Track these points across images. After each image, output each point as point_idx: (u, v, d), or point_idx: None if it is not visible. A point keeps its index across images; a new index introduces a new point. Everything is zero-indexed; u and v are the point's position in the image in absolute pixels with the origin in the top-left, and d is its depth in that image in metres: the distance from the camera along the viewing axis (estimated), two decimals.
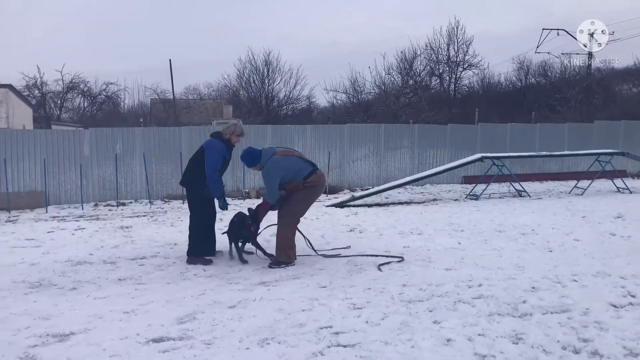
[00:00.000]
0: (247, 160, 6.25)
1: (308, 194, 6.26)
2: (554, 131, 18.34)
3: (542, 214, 9.77)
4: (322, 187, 6.44)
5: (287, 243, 6.15)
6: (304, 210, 6.37)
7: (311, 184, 6.19)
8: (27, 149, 12.93)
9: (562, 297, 4.74)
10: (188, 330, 4.05)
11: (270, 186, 6.12)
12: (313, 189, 6.25)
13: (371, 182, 15.96)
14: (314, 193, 6.33)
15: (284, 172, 6.07)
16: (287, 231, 6.19)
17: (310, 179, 6.16)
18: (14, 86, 33.51)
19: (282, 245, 6.16)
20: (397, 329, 3.99)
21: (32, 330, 4.09)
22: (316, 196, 6.43)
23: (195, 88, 40.73)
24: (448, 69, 34.09)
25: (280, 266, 6.04)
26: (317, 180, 6.24)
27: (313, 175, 6.19)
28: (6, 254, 7.03)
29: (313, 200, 6.45)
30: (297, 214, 6.30)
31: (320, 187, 6.36)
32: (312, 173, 6.19)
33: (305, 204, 6.35)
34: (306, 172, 6.16)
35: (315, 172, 6.22)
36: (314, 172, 6.21)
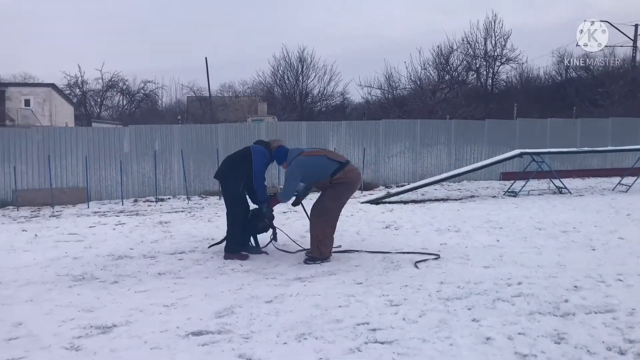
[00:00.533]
0: (277, 157, 6.48)
1: (337, 190, 6.16)
2: (596, 126, 17.82)
3: (584, 211, 9.51)
4: (353, 183, 6.28)
5: (319, 239, 6.10)
6: (334, 207, 6.23)
7: (338, 181, 6.09)
8: (70, 146, 13.31)
9: (606, 296, 4.60)
10: (226, 324, 4.09)
11: (287, 185, 6.20)
12: (342, 185, 6.14)
13: (407, 179, 15.84)
14: (343, 189, 6.20)
15: (306, 173, 6.13)
16: (317, 227, 6.12)
17: (336, 176, 6.08)
18: (57, 85, 34.51)
19: (314, 242, 6.14)
20: (435, 327, 3.95)
21: (76, 321, 4.21)
22: (347, 192, 6.28)
23: (230, 85, 41.19)
24: (485, 63, 33.52)
25: (316, 262, 6.02)
26: (345, 176, 6.12)
27: (340, 172, 6.09)
28: (51, 248, 7.26)
29: (344, 196, 6.29)
30: (327, 210, 6.17)
31: (349, 183, 6.21)
32: (338, 170, 6.10)
33: (335, 201, 6.22)
34: (331, 170, 6.09)
35: (341, 169, 6.12)
36: (340, 169, 6.11)
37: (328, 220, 6.18)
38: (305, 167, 6.16)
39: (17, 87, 33.26)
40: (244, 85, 40.03)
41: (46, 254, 6.84)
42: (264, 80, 37.37)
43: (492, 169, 15.58)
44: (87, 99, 41.87)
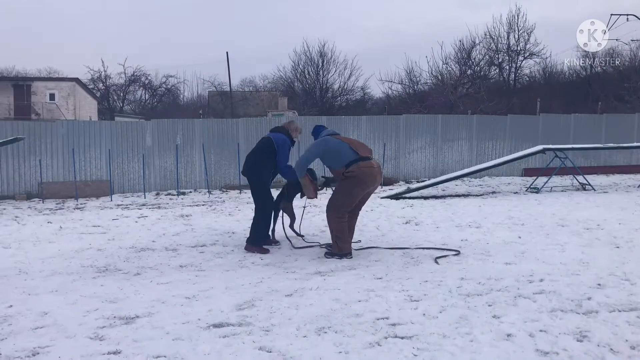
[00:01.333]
0: (313, 131, 6.60)
1: (347, 185, 5.96)
2: (622, 122, 17.51)
3: (608, 209, 9.36)
4: (364, 179, 5.94)
5: (335, 234, 6.03)
6: (343, 201, 6.00)
7: (351, 174, 5.87)
8: (94, 140, 13.52)
9: (630, 295, 4.53)
10: (247, 316, 4.13)
11: (301, 158, 6.19)
12: (353, 180, 5.89)
13: (427, 174, 15.76)
14: (353, 184, 5.93)
15: (324, 153, 6.09)
16: (331, 222, 6.05)
17: (350, 168, 5.87)
18: (81, 80, 35.01)
19: (332, 237, 6.10)
20: (456, 323, 3.93)
21: (100, 312, 4.28)
22: (357, 188, 5.96)
23: (251, 80, 41.45)
24: (508, 58, 33.12)
25: (334, 257, 5.99)
26: (357, 170, 5.86)
27: (353, 165, 5.87)
28: (75, 240, 7.39)
29: (353, 191, 5.99)
30: (336, 204, 6.01)
31: (360, 178, 5.90)
32: (353, 162, 5.88)
33: (344, 195, 6.00)
34: (347, 161, 5.89)
35: (356, 162, 5.88)
36: (355, 162, 5.88)
37: (338, 213, 6.00)
38: (326, 147, 6.09)
39: (43, 82, 33.82)
40: (265, 80, 40.25)
41: (71, 246, 6.97)
42: (285, 75, 37.49)
43: (514, 165, 15.43)
44: (110, 93, 42.44)
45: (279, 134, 6.57)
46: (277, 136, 6.54)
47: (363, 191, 6.06)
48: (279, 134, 6.58)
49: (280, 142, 6.47)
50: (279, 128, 6.75)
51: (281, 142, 6.47)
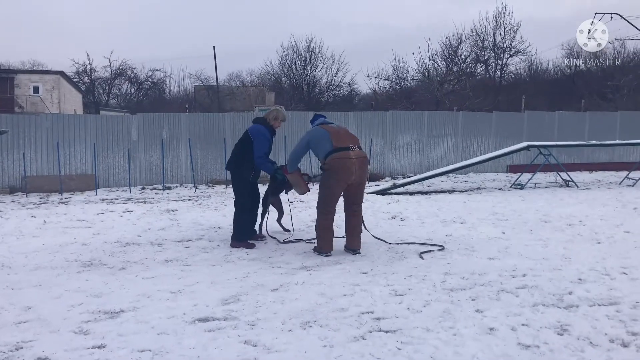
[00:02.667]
0: (311, 121, 6.51)
1: (325, 178, 5.86)
2: (605, 120, 17.74)
3: (591, 205, 9.50)
4: (338, 171, 5.69)
5: (317, 232, 6.01)
6: (326, 198, 5.88)
7: (326, 166, 5.76)
8: (79, 134, 13.40)
9: (610, 289, 4.62)
10: (232, 311, 4.14)
11: (291, 152, 6.23)
12: (328, 172, 5.77)
13: (413, 170, 15.84)
14: (330, 177, 5.78)
15: (310, 143, 6.02)
16: (317, 219, 6.03)
17: (327, 159, 5.74)
18: (65, 73, 34.61)
19: (317, 234, 6.07)
20: (439, 317, 3.98)
21: (85, 306, 4.27)
22: (333, 181, 5.77)
23: (238, 75, 41.17)
24: (494, 55, 33.28)
25: (314, 252, 6.02)
26: (330, 162, 5.70)
27: (329, 157, 5.72)
28: (60, 234, 7.34)
29: (332, 185, 5.80)
30: (321, 201, 5.95)
31: (334, 171, 5.70)
32: (329, 154, 5.72)
33: (325, 190, 5.88)
34: (324, 152, 5.78)
35: (331, 154, 5.70)
36: (330, 153, 5.71)
37: (322, 209, 5.92)
38: (310, 138, 6.02)
39: (26, 74, 33.37)
40: (252, 75, 40.03)
41: (55, 240, 6.92)
42: (272, 70, 37.32)
43: (499, 161, 15.56)
44: (95, 86, 42.00)
45: (256, 125, 6.48)
46: (253, 127, 6.46)
47: (340, 184, 5.77)
48: (256, 124, 6.50)
49: (254, 132, 6.36)
50: (259, 119, 6.67)
51: (256, 132, 6.36)
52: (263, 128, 6.42)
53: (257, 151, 6.28)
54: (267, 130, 6.44)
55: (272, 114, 6.59)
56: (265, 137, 6.35)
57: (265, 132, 6.40)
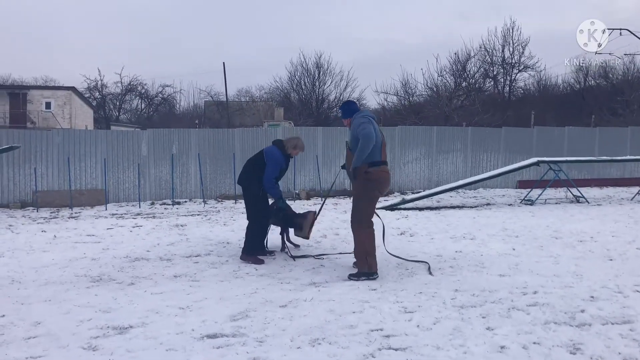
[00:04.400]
0: (343, 108, 5.99)
1: (367, 189, 5.52)
2: (615, 135, 17.63)
3: (602, 221, 9.41)
4: (383, 184, 5.62)
5: (366, 249, 5.53)
6: (369, 210, 5.60)
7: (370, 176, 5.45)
8: (89, 149, 13.50)
9: (623, 307, 4.55)
10: (241, 327, 4.13)
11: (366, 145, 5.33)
12: (372, 183, 5.50)
13: (422, 186, 15.79)
14: (373, 188, 5.55)
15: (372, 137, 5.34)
16: (361, 236, 5.57)
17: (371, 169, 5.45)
18: (77, 88, 35.02)
19: (359, 253, 5.59)
20: (449, 334, 3.94)
21: (94, 322, 4.27)
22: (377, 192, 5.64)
23: (247, 90, 41.57)
24: (503, 70, 33.35)
25: (360, 278, 5.46)
26: (378, 175, 5.51)
27: (375, 168, 5.47)
28: (69, 249, 7.37)
29: (375, 196, 5.65)
30: (365, 214, 5.58)
31: (380, 183, 5.57)
32: (376, 164, 5.48)
33: (369, 202, 5.59)
34: (374, 159, 5.43)
35: (379, 166, 5.50)
36: (378, 164, 5.49)
37: (368, 224, 5.60)
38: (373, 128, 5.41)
39: (39, 90, 33.81)
40: (261, 90, 40.38)
41: (65, 255, 6.95)
42: (281, 86, 37.63)
43: (509, 177, 15.48)
44: (106, 102, 42.47)
45: (273, 147, 6.54)
46: (269, 149, 6.51)
47: (378, 196, 5.72)
48: (273, 147, 6.56)
49: (269, 155, 6.41)
50: (278, 142, 6.72)
51: (270, 155, 6.41)
52: (279, 153, 6.47)
53: (268, 175, 6.34)
54: (283, 157, 6.49)
55: (292, 142, 6.61)
56: (278, 163, 6.41)
57: (280, 158, 6.44)
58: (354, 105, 6.04)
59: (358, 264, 5.66)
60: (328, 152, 15.21)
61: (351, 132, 5.67)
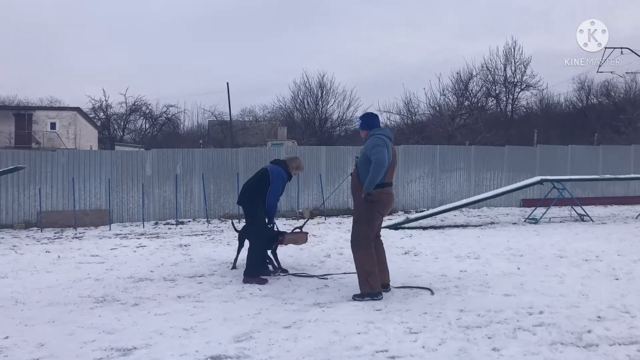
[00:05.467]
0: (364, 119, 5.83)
1: (369, 210, 5.43)
2: (618, 153, 17.63)
3: (607, 240, 9.36)
4: (386, 205, 5.56)
5: (366, 270, 5.46)
6: (369, 231, 5.54)
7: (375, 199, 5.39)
8: (93, 169, 13.57)
9: (631, 328, 4.51)
10: (245, 349, 4.10)
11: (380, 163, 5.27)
12: (375, 204, 5.43)
13: (426, 204, 15.77)
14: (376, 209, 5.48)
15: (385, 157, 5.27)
16: (361, 257, 5.50)
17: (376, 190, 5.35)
18: (82, 109, 35.29)
19: (361, 274, 5.50)
20: (455, 355, 3.91)
21: (97, 343, 4.25)
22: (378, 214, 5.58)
23: (251, 110, 41.82)
24: (505, 89, 33.51)
25: (365, 299, 5.40)
26: (381, 196, 5.42)
27: (379, 190, 5.36)
28: (73, 270, 7.37)
29: (376, 217, 5.59)
30: (364, 235, 5.51)
31: (384, 204, 5.51)
32: (382, 186, 5.38)
33: (370, 223, 5.53)
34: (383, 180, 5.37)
35: (383, 187, 5.40)
36: (382, 186, 5.39)
37: (366, 246, 5.52)
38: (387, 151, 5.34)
39: (44, 111, 34.12)
40: (264, 110, 40.62)
41: (69, 276, 6.94)
42: (284, 105, 37.88)
43: (512, 196, 15.46)
44: (110, 122, 42.74)
45: (277, 167, 6.61)
46: (273, 167, 6.57)
47: (381, 218, 5.66)
48: (277, 166, 6.61)
49: (275, 174, 6.49)
50: (280, 161, 6.78)
51: (276, 174, 6.50)
52: (283, 172, 6.58)
53: (273, 196, 6.46)
54: (286, 176, 6.61)
55: (295, 163, 6.76)
56: (282, 183, 6.54)
57: (284, 178, 6.58)
58: (376, 119, 5.85)
59: (360, 286, 5.58)
60: (331, 171, 15.24)
61: (364, 148, 5.59)
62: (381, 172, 5.33)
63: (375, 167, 5.29)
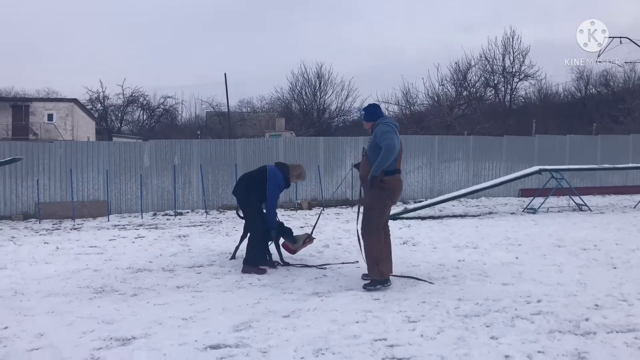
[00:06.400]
0: (367, 111, 5.80)
1: (381, 198, 5.42)
2: (617, 143, 17.63)
3: (605, 229, 9.38)
4: (396, 193, 5.57)
5: (375, 257, 5.46)
6: (380, 219, 5.56)
7: (386, 186, 5.39)
8: (91, 160, 13.54)
9: (628, 315, 4.53)
10: (244, 338, 4.11)
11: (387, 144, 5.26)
12: (387, 192, 5.43)
13: (424, 195, 15.78)
14: (387, 197, 5.49)
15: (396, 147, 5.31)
16: (371, 245, 5.50)
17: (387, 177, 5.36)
18: (79, 100, 35.16)
19: (370, 262, 5.49)
20: (453, 344, 3.92)
21: (96, 333, 4.26)
22: (389, 202, 5.60)
23: (249, 101, 41.69)
24: (503, 79, 33.45)
25: (377, 286, 5.40)
26: (392, 182, 5.45)
27: (390, 177, 5.39)
28: (72, 261, 7.36)
29: (388, 205, 5.62)
30: (375, 223, 5.52)
31: (393, 192, 5.52)
32: (392, 173, 5.40)
33: (381, 211, 5.53)
34: (390, 167, 5.37)
35: (393, 174, 5.43)
36: (393, 173, 5.42)
37: (377, 233, 5.54)
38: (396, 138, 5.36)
39: (41, 102, 33.98)
40: (262, 101, 40.50)
41: (67, 266, 6.94)
42: (282, 96, 37.78)
43: (511, 186, 15.47)
44: (108, 113, 42.61)
45: (276, 169, 6.61)
46: (273, 170, 6.58)
47: (391, 205, 5.68)
48: (277, 168, 6.63)
49: (272, 176, 6.48)
50: (282, 165, 6.77)
51: (274, 177, 6.48)
52: (281, 177, 6.56)
53: (272, 201, 6.46)
54: (284, 181, 6.59)
55: (297, 171, 6.74)
56: (279, 187, 6.52)
57: (282, 183, 6.56)
58: (379, 109, 5.85)
59: (370, 273, 5.57)
60: (329, 162, 15.22)
61: (372, 139, 5.55)
62: (390, 157, 5.32)
63: (385, 151, 5.28)
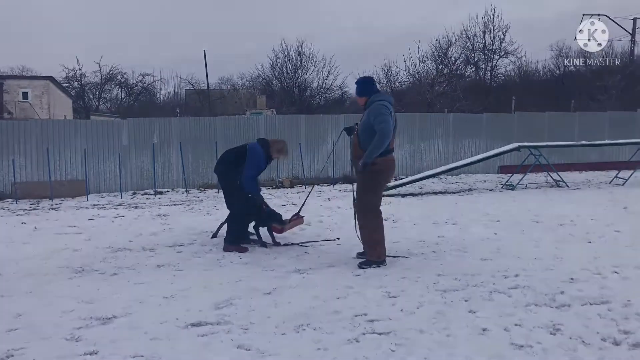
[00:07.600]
0: (360, 85, 5.57)
1: (375, 178, 5.40)
2: (594, 120, 17.85)
3: (581, 205, 9.55)
4: (390, 172, 5.60)
5: (374, 238, 5.48)
6: (378, 199, 5.55)
7: (378, 167, 5.36)
8: (69, 139, 13.31)
9: (602, 288, 4.64)
10: (225, 315, 4.13)
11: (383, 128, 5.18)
12: (381, 173, 5.43)
13: (405, 172, 15.84)
14: (382, 178, 5.51)
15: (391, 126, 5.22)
16: (370, 226, 5.49)
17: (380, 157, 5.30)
18: (55, 78, 34.40)
19: (368, 243, 5.54)
20: (433, 318, 3.99)
21: (76, 313, 4.24)
22: (384, 182, 5.65)
23: (229, 79, 41.18)
24: (484, 57, 33.50)
25: (372, 266, 5.42)
26: (386, 164, 5.43)
27: (383, 157, 5.34)
28: (51, 240, 7.28)
29: (383, 185, 5.66)
30: (374, 203, 5.51)
31: (386, 171, 5.52)
32: (385, 153, 5.36)
33: (378, 191, 5.53)
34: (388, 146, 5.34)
35: (387, 155, 5.39)
36: (387, 153, 5.38)
37: (376, 213, 5.53)
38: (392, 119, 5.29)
39: (15, 80, 33.12)
40: (243, 79, 39.99)
41: (46, 246, 6.86)
42: (263, 74, 37.37)
43: (490, 163, 15.59)
44: (85, 91, 41.77)
45: (257, 145, 6.53)
46: (253, 146, 6.51)
47: (386, 184, 5.65)
48: (257, 144, 6.55)
49: (252, 151, 6.40)
50: (263, 141, 6.70)
51: (252, 152, 6.39)
52: (262, 153, 6.46)
53: (248, 171, 6.32)
54: (264, 157, 6.48)
55: (278, 146, 6.61)
56: (259, 162, 6.40)
57: (262, 159, 6.45)
58: (373, 83, 5.63)
59: (368, 253, 5.55)
60: (311, 140, 15.17)
61: (366, 117, 5.40)
62: (384, 144, 5.27)
63: (379, 137, 5.20)
